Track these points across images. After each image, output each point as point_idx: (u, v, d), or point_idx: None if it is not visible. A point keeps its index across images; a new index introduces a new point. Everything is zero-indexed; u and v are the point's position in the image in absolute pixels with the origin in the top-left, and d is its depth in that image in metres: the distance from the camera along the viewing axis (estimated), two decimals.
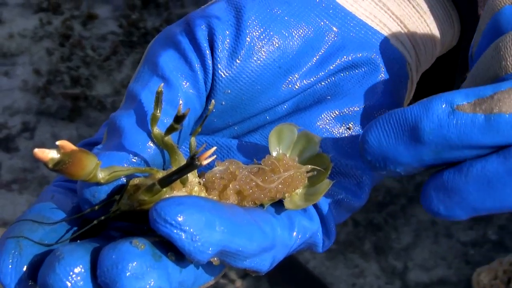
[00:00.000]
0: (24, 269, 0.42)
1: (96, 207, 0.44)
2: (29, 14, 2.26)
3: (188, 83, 0.48)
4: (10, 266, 0.42)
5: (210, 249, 0.40)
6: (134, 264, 0.40)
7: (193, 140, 0.47)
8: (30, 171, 1.90)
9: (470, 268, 1.71)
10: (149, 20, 2.22)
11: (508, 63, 0.42)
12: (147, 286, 0.40)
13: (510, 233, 1.78)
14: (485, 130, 0.39)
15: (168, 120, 0.46)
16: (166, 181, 0.42)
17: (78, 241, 0.44)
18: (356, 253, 1.76)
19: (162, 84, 0.45)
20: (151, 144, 0.46)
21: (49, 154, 0.39)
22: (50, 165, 0.40)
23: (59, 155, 0.40)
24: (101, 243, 0.42)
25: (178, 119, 0.43)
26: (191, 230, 0.40)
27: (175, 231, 0.39)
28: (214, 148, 0.42)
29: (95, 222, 0.44)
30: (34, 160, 1.92)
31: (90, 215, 0.44)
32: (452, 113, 0.40)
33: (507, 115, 0.39)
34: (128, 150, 0.45)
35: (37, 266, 0.42)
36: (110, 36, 2.20)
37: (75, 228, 0.45)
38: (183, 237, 0.40)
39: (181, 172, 0.42)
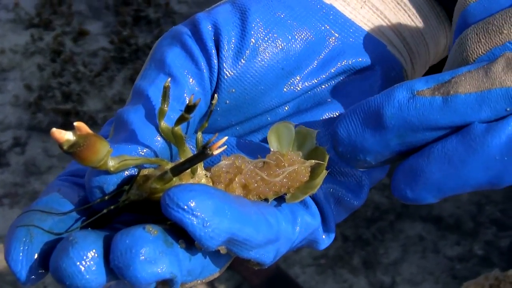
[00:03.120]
0: (35, 256, 0.42)
1: (106, 197, 0.44)
2: (21, 30, 2.26)
3: (194, 80, 0.49)
4: (21, 254, 0.42)
5: (220, 235, 0.41)
6: (147, 249, 0.40)
7: (199, 135, 0.48)
8: (21, 186, 1.90)
9: (457, 283, 1.72)
10: (140, 37, 2.23)
11: (469, 53, 0.44)
12: (159, 271, 0.40)
13: (496, 249, 1.80)
14: (443, 111, 0.41)
15: (175, 116, 0.46)
16: (178, 170, 0.43)
17: (89, 228, 0.44)
18: (345, 268, 1.77)
19: (169, 79, 0.46)
20: (159, 138, 0.46)
21: (66, 136, 0.40)
22: (65, 147, 0.40)
23: (74, 138, 0.40)
24: (110, 233, 0.43)
25: (189, 109, 0.44)
26: (203, 215, 0.40)
27: (187, 216, 0.40)
28: (225, 138, 0.43)
29: (104, 211, 0.44)
30: (25, 175, 1.92)
31: (98, 206, 0.45)
32: (412, 98, 0.42)
33: (463, 95, 0.41)
34: (136, 143, 0.46)
35: (47, 254, 0.42)
36: (101, 52, 2.21)
37: (83, 219, 0.45)
38: (195, 222, 0.40)
39: (193, 161, 0.42)
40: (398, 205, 1.86)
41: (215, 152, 0.42)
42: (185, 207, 0.40)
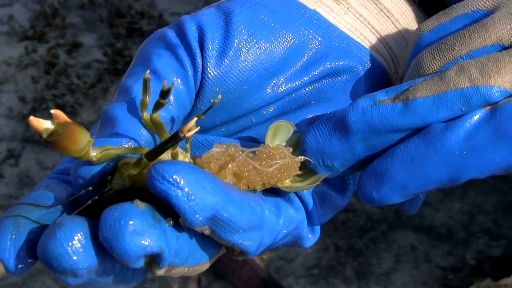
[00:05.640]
0: (23, 245, 0.43)
1: (90, 188, 0.45)
2: (15, 42, 2.27)
3: (179, 79, 0.50)
4: (8, 243, 0.43)
5: (204, 210, 0.42)
6: (136, 221, 0.40)
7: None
8: (15, 197, 1.90)
9: None
10: (133, 49, 2.24)
11: (425, 70, 0.48)
12: (147, 244, 0.40)
13: (488, 258, 1.80)
14: (404, 113, 0.45)
15: (160, 112, 0.47)
16: (153, 154, 0.43)
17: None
18: (338, 278, 1.77)
19: (149, 71, 0.47)
20: (144, 131, 0.47)
21: (44, 124, 0.40)
22: (44, 136, 0.40)
23: (53, 126, 0.40)
24: (97, 221, 0.43)
25: (163, 94, 0.45)
26: (187, 189, 0.41)
27: (172, 188, 0.40)
28: (195, 118, 0.44)
29: (89, 202, 0.45)
30: (19, 187, 1.92)
31: (85, 197, 0.45)
32: (375, 105, 0.46)
33: (421, 99, 0.45)
34: (122, 136, 0.46)
35: (34, 243, 0.43)
36: (95, 64, 2.21)
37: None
38: (180, 194, 0.41)
39: (167, 144, 0.43)
40: (390, 215, 1.87)
41: (188, 134, 0.42)
42: (170, 179, 0.41)
